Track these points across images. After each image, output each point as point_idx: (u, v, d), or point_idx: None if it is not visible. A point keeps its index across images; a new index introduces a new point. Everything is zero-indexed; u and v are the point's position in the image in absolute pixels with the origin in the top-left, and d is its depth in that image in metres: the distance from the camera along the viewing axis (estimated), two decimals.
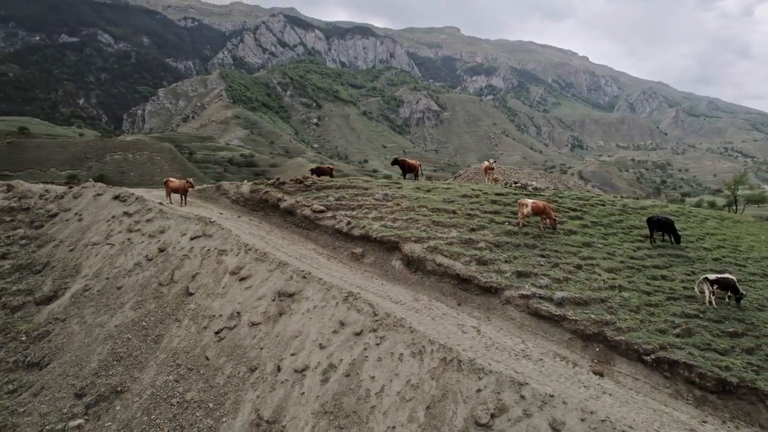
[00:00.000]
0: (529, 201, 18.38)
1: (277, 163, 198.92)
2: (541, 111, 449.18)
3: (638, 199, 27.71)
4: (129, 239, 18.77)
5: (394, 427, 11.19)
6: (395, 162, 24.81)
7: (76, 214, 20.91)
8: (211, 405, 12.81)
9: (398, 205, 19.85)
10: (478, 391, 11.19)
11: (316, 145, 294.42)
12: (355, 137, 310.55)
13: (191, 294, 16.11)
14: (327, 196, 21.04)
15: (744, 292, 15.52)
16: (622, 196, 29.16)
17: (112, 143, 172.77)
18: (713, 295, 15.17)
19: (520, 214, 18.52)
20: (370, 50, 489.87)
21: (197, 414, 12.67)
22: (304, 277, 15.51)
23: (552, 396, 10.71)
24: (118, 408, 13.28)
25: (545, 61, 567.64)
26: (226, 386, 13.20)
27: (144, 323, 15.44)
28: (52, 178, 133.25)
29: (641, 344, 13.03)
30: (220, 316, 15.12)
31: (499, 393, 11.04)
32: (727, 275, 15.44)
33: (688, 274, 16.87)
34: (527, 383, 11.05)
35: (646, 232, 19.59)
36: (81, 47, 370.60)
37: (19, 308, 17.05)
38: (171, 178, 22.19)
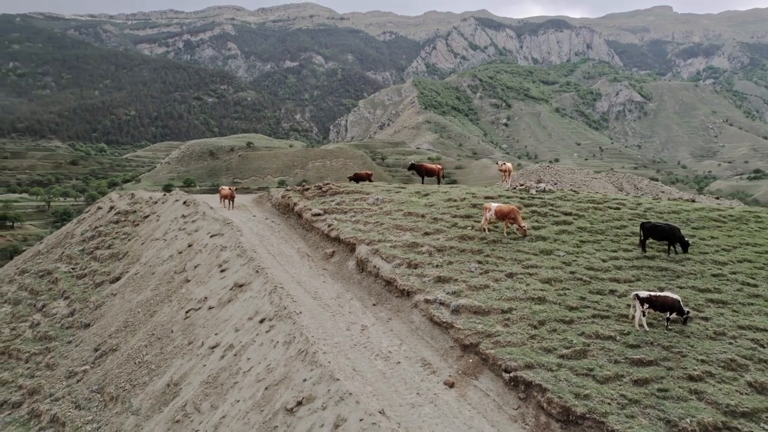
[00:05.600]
0: (493, 205, 17.75)
1: (462, 165, 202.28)
2: None
3: (693, 201, 22.73)
4: (176, 236, 23.72)
5: (238, 401, 13.03)
6: (411, 167, 25.34)
7: (157, 216, 26.99)
8: (153, 366, 16.29)
9: (381, 209, 20.90)
10: (304, 380, 12.31)
11: (504, 146, 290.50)
12: (546, 135, 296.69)
13: (188, 281, 20.00)
14: (332, 201, 23.12)
15: (689, 312, 12.95)
16: (669, 198, 24.47)
17: (314, 152, 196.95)
18: (644, 315, 13.01)
19: (483, 219, 18.00)
20: (565, 43, 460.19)
21: (142, 372, 16.27)
22: (257, 272, 18.03)
23: (350, 394, 11.30)
24: (107, 361, 17.72)
25: None
26: (169, 354, 16.54)
27: (152, 301, 19.83)
28: (268, 184, 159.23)
29: (506, 360, 12.25)
30: (195, 299, 18.60)
31: (315, 385, 12.01)
32: (666, 293, 13.04)
33: (657, 291, 14.48)
34: (339, 380, 11.77)
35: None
36: (299, 70, 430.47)
37: (99, 284, 23.21)
38: (223, 186, 26.82)
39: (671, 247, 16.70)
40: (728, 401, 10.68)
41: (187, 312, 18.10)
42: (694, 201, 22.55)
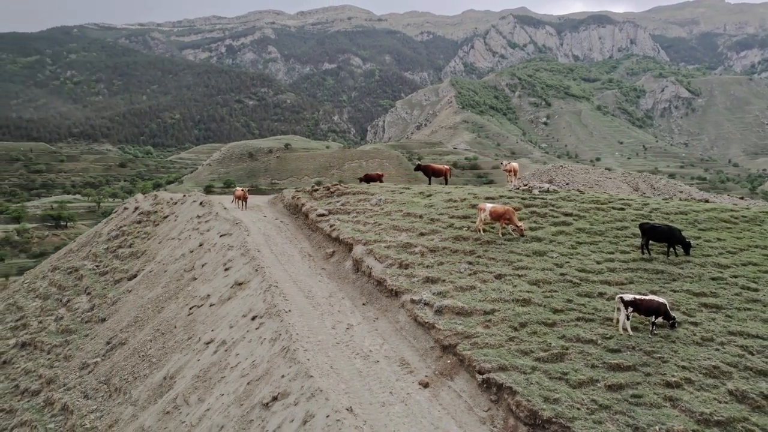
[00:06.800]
0: (488, 206, 17.64)
1: (499, 165, 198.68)
2: None
3: (706, 201, 21.61)
4: (189, 236, 24.61)
5: (222, 395, 13.50)
6: (418, 168, 25.31)
7: (175, 216, 28.04)
8: (154, 360, 17.02)
9: (382, 209, 21.06)
10: (282, 377, 12.65)
11: (543, 145, 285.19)
12: (587, 134, 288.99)
13: (195, 279, 20.74)
14: (338, 202, 23.44)
15: (676, 318, 12.53)
16: (683, 199, 23.41)
17: (350, 153, 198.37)
18: (628, 319, 12.67)
19: (478, 220, 17.90)
20: (607, 39, 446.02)
21: (144, 365, 17.03)
22: (256, 270, 18.52)
23: (321, 391, 11.54)
24: (116, 354, 18.62)
25: None
26: (170, 348, 17.24)
27: (161, 298, 20.68)
28: (304, 184, 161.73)
29: (481, 362, 12.19)
30: (199, 297, 19.28)
31: (291, 381, 12.33)
32: (652, 297, 12.65)
33: (643, 295, 14.06)
34: (313, 377, 12.04)
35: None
36: (337, 72, 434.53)
37: (118, 281, 24.35)
38: (237, 188, 27.59)
39: (671, 249, 16.13)
40: (703, 409, 10.30)
41: (190, 309, 18.79)
42: (707, 201, 21.60)
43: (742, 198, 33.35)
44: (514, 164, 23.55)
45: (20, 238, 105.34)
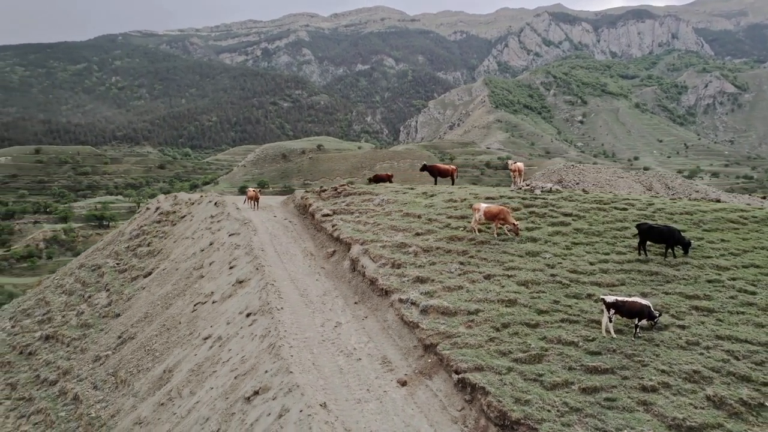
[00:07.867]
0: (483, 206, 17.59)
1: (533, 165, 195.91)
2: None
3: (717, 201, 20.67)
4: (202, 235, 25.42)
5: (212, 388, 13.98)
6: (424, 168, 25.31)
7: (191, 216, 28.97)
8: (157, 354, 17.72)
9: (383, 209, 21.24)
10: (266, 372, 13.02)
11: (579, 144, 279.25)
12: (624, 132, 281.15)
13: (202, 277, 21.43)
14: (343, 202, 23.76)
15: (660, 314, 12.27)
16: (692, 198, 22.52)
17: (382, 153, 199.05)
18: (611, 321, 12.45)
19: (473, 220, 17.86)
20: (647, 34, 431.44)
21: (148, 358, 17.76)
22: (257, 269, 19.02)
23: (298, 386, 11.83)
24: (125, 348, 19.46)
25: None
26: (173, 343, 17.91)
27: (170, 295, 21.46)
28: (337, 185, 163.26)
29: (458, 361, 12.22)
30: (203, 294, 19.93)
31: (273, 376, 12.68)
32: (635, 299, 12.39)
33: (629, 296, 13.77)
34: (293, 372, 12.35)
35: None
36: (370, 73, 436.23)
37: (134, 279, 25.38)
38: (249, 188, 28.29)
39: (669, 250, 15.68)
40: (676, 414, 10.05)
41: (195, 305, 19.45)
42: (718, 201, 20.80)
43: (764, 197, 31.81)
44: (520, 164, 23.30)
45: (67, 237, 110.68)
